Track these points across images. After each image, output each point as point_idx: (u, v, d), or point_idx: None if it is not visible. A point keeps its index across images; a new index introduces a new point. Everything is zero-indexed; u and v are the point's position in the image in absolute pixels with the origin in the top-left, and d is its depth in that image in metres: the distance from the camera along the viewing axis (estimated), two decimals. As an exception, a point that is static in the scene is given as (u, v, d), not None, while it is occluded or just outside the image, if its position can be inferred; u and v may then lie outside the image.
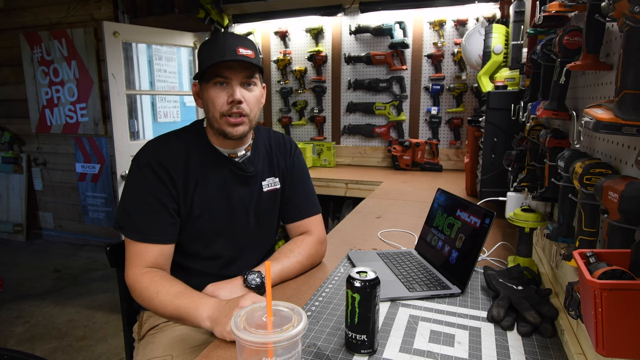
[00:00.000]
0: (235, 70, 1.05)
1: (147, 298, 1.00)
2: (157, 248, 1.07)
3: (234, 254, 1.19)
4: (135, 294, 1.05)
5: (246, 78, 1.07)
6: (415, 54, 3.06)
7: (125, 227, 1.07)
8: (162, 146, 1.12)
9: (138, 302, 1.05)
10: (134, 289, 1.04)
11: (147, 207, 1.06)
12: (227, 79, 1.05)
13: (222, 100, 1.06)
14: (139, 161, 1.10)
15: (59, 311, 2.85)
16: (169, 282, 1.02)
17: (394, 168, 3.09)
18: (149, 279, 1.02)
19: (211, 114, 1.09)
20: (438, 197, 1.32)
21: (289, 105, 3.45)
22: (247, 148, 1.19)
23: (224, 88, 1.06)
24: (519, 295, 0.93)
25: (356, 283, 0.76)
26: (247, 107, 1.08)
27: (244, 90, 1.07)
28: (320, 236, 1.23)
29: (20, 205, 4.28)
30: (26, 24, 3.97)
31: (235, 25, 3.41)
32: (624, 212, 0.55)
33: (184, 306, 0.95)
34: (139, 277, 1.03)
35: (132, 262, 1.06)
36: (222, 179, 1.14)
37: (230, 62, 1.03)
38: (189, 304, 0.94)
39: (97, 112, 3.83)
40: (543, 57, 1.00)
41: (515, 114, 1.38)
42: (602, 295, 0.47)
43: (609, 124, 0.57)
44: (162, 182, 1.07)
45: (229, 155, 1.16)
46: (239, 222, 1.18)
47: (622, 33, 0.58)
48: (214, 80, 1.06)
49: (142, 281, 1.02)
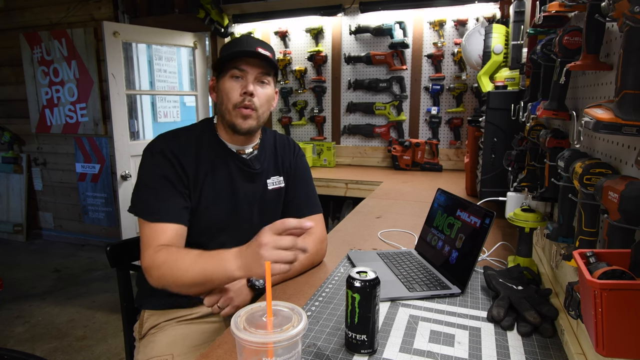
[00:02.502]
0: (252, 66, 1.11)
1: (168, 270, 0.98)
2: (173, 228, 1.06)
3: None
4: (153, 273, 1.01)
5: (261, 75, 1.13)
6: (415, 54, 3.06)
7: (142, 210, 1.07)
8: (173, 137, 1.16)
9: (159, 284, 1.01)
10: (150, 269, 1.01)
11: (162, 190, 1.08)
12: (243, 72, 1.11)
13: (236, 92, 1.11)
14: (152, 149, 1.12)
15: (59, 311, 2.85)
16: (185, 250, 1.02)
17: (394, 168, 3.10)
18: (165, 252, 1.01)
19: (224, 105, 1.13)
20: (438, 197, 1.32)
21: (289, 105, 3.45)
22: (255, 146, 1.24)
23: (239, 81, 1.12)
24: (519, 295, 0.93)
25: (356, 283, 0.76)
26: (258, 101, 1.13)
27: (257, 85, 1.13)
28: (321, 235, 1.24)
29: (20, 205, 4.28)
30: (26, 24, 3.97)
31: (235, 25, 3.41)
32: (624, 212, 0.55)
33: (210, 267, 0.94)
34: (155, 255, 1.01)
35: (147, 245, 1.04)
36: (229, 174, 1.18)
37: (247, 58, 1.10)
38: (213, 263, 0.94)
39: (97, 112, 3.83)
40: (543, 57, 1.00)
41: (515, 114, 1.38)
42: (602, 295, 0.47)
43: (609, 124, 0.57)
44: (175, 169, 1.10)
45: (237, 151, 1.20)
46: (244, 217, 1.20)
47: (622, 33, 0.58)
48: (230, 73, 1.11)
49: (159, 257, 1.00)
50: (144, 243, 1.05)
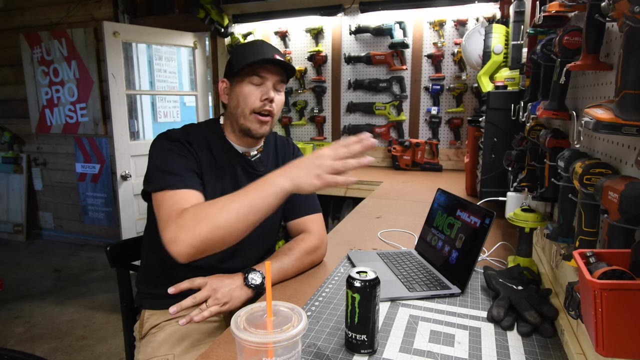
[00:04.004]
0: (272, 72, 1.13)
1: (202, 217, 0.89)
2: (198, 195, 1.02)
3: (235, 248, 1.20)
4: (182, 237, 0.89)
5: (279, 82, 1.15)
6: (415, 54, 3.06)
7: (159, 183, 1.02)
8: (186, 130, 1.17)
9: (194, 245, 0.89)
10: (179, 232, 0.90)
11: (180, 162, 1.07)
12: (263, 79, 1.13)
13: (255, 97, 1.13)
14: (169, 136, 1.12)
15: (59, 311, 2.85)
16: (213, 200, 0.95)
17: (394, 168, 3.09)
18: (192, 208, 0.93)
19: (240, 109, 1.14)
20: (438, 197, 1.32)
21: (289, 105, 3.45)
22: (259, 149, 1.26)
23: (258, 87, 1.13)
24: (519, 295, 0.93)
25: (356, 283, 0.76)
26: (276, 108, 1.15)
27: (274, 92, 1.15)
28: (320, 234, 1.24)
29: (20, 205, 4.28)
30: (26, 24, 3.97)
31: (235, 25, 3.41)
32: (624, 212, 0.55)
33: (252, 192, 0.89)
34: (180, 216, 0.92)
35: (169, 213, 0.95)
36: (234, 173, 1.19)
37: (268, 65, 1.12)
38: (255, 187, 0.90)
39: (97, 112, 3.83)
40: (543, 57, 1.00)
41: (515, 114, 1.38)
42: (602, 295, 0.47)
43: (609, 124, 0.57)
44: (191, 153, 1.10)
45: (243, 153, 1.22)
46: None
47: (622, 33, 0.58)
48: (249, 79, 1.12)
49: (186, 215, 0.91)
50: (165, 215, 0.96)
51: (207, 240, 0.90)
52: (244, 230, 0.92)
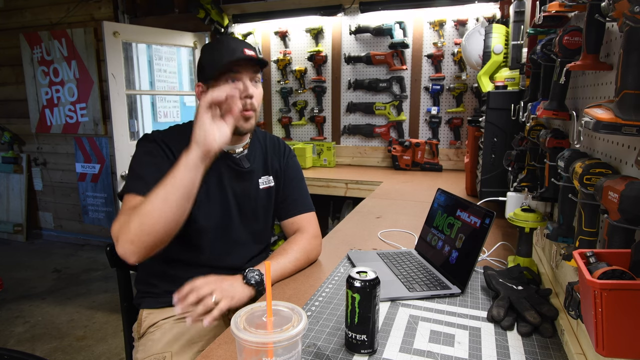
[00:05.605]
0: (245, 68, 1.12)
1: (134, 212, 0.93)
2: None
3: (228, 247, 1.21)
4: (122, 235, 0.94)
5: (254, 73, 1.14)
6: (415, 54, 3.05)
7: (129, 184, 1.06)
8: (165, 133, 1.19)
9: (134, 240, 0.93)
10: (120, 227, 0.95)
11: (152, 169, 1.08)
12: (238, 74, 1.12)
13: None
14: (147, 138, 1.15)
15: (59, 311, 2.85)
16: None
17: (394, 168, 3.09)
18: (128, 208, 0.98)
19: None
20: (438, 197, 1.32)
21: (289, 105, 3.45)
22: (245, 146, 1.25)
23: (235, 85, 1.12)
24: (519, 295, 0.93)
25: (356, 283, 0.76)
26: (256, 102, 1.15)
27: (252, 87, 1.14)
28: (314, 232, 1.26)
29: (20, 205, 4.28)
30: (26, 24, 3.97)
31: (235, 25, 3.41)
32: (624, 212, 0.55)
33: (171, 172, 0.93)
34: (119, 216, 0.99)
35: (117, 219, 1.01)
36: (219, 173, 1.19)
37: (240, 61, 1.10)
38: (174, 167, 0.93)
39: (97, 112, 3.83)
40: (543, 57, 1.00)
41: (515, 114, 1.38)
42: (602, 295, 0.47)
43: (609, 124, 0.57)
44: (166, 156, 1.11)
45: (227, 151, 1.20)
46: (233, 215, 1.21)
47: (622, 33, 0.58)
48: (225, 78, 1.11)
49: (123, 214, 0.98)
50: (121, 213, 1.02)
51: (140, 233, 0.92)
52: (173, 212, 0.94)
